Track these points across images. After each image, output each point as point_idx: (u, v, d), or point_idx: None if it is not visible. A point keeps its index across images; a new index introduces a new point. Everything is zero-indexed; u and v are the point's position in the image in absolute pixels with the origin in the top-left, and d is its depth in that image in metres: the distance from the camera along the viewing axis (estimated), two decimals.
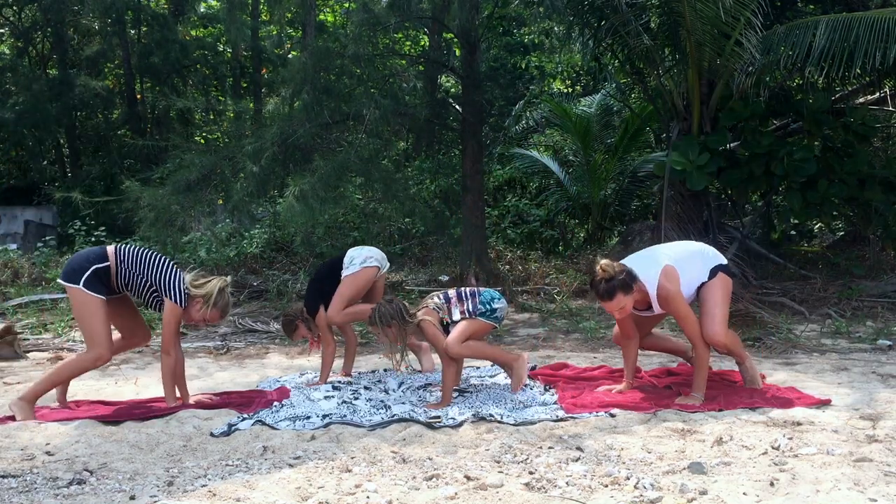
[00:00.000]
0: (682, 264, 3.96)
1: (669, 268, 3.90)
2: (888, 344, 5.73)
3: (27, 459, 3.15)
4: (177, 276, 3.98)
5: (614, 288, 3.77)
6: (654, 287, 3.87)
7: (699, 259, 4.05)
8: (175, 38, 15.48)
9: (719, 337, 3.89)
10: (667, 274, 3.87)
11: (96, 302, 3.86)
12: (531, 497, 2.62)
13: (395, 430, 3.53)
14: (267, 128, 8.04)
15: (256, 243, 10.64)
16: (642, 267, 3.92)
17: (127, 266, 3.94)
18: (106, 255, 3.93)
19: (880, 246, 9.18)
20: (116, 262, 3.93)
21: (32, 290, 8.72)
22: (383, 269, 4.80)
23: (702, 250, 4.12)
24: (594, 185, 11.34)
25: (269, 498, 2.67)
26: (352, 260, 4.69)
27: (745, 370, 4.24)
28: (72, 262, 3.95)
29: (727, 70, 7.49)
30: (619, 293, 3.77)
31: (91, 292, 3.84)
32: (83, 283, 3.83)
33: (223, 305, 4.08)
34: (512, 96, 14.14)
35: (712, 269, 4.00)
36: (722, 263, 4.07)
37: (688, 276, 3.95)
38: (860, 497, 2.54)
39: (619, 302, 3.80)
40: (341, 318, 4.63)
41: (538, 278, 8.83)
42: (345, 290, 4.62)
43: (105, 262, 3.91)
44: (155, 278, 3.95)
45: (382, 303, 4.21)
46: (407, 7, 7.99)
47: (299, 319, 4.74)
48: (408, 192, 9.27)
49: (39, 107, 14.82)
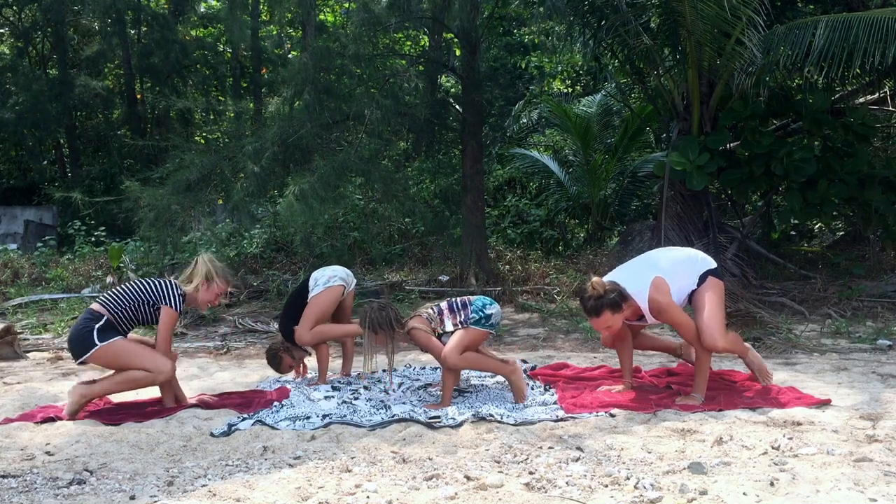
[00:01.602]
0: (671, 274, 3.96)
1: (659, 279, 3.89)
2: (888, 344, 5.73)
3: (27, 459, 3.15)
4: (169, 284, 4.03)
5: (602, 305, 3.79)
6: (644, 301, 3.88)
7: (687, 267, 4.04)
8: (175, 38, 15.49)
9: (717, 343, 3.88)
10: (656, 286, 3.87)
11: (117, 344, 3.88)
12: (531, 497, 2.62)
13: (395, 430, 3.53)
14: (267, 128, 8.04)
15: (256, 243, 10.64)
16: (631, 281, 3.92)
17: (122, 306, 3.96)
18: (98, 313, 3.93)
19: (880, 246, 9.18)
20: (110, 311, 3.94)
21: (32, 290, 8.72)
22: (349, 287, 4.80)
23: (689, 257, 4.10)
24: (594, 185, 11.33)
25: (269, 498, 2.67)
26: (316, 281, 4.72)
27: (751, 362, 4.24)
28: (72, 338, 3.94)
29: (727, 70, 7.49)
30: (607, 311, 3.80)
31: (108, 341, 3.85)
32: (97, 341, 3.84)
33: (221, 271, 4.18)
34: (512, 96, 14.13)
35: (701, 276, 4.00)
36: (710, 268, 4.05)
37: (677, 286, 3.95)
38: (860, 497, 2.54)
39: (606, 320, 3.83)
40: (309, 337, 4.62)
41: (538, 278, 8.83)
42: (310, 310, 4.63)
43: (101, 317, 3.91)
44: (152, 296, 3.99)
45: (374, 308, 4.18)
46: (407, 7, 7.98)
47: (281, 351, 4.77)
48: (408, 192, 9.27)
49: (39, 107, 14.82)
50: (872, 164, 8.06)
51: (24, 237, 13.92)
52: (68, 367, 5.44)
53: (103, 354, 3.87)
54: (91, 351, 3.84)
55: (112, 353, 3.87)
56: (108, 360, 3.91)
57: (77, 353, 3.90)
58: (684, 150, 7.66)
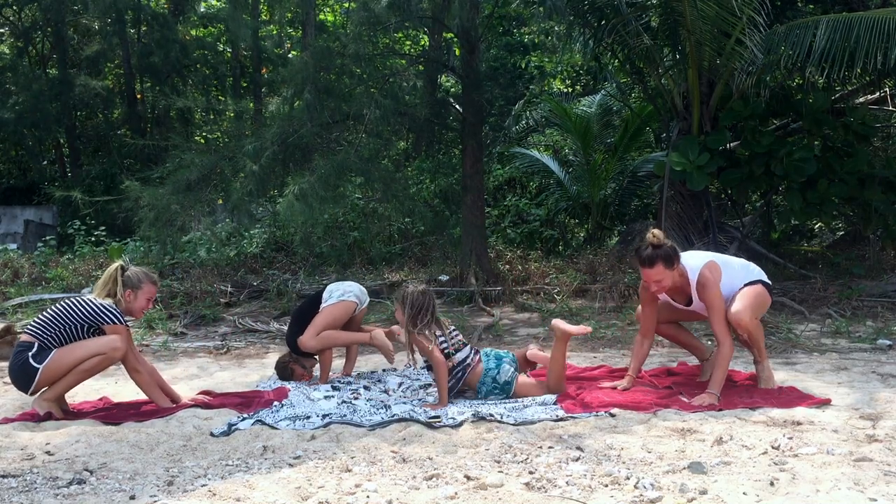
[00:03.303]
0: (727, 269, 4.10)
1: (713, 263, 4.05)
2: (888, 344, 5.73)
3: (27, 459, 3.15)
4: (98, 304, 3.86)
5: (657, 256, 3.84)
6: (695, 274, 3.97)
7: (743, 271, 4.20)
8: (175, 37, 15.49)
9: (744, 316, 3.94)
10: (710, 267, 4.02)
11: (57, 354, 3.77)
12: (531, 497, 2.62)
13: (395, 429, 3.53)
14: (267, 127, 8.04)
15: (256, 243, 10.65)
16: (690, 256, 4.09)
17: (51, 332, 3.82)
18: (27, 342, 3.83)
19: (880, 246, 9.18)
20: (39, 337, 3.82)
21: (32, 289, 8.72)
22: (362, 304, 4.83)
23: (748, 265, 4.27)
24: (594, 184, 11.33)
25: (269, 498, 2.67)
26: (331, 293, 4.76)
27: (762, 369, 4.21)
28: (13, 375, 3.84)
29: (727, 70, 7.49)
30: (661, 263, 3.84)
31: (47, 360, 3.76)
32: (35, 364, 3.74)
33: (144, 275, 4.02)
34: (512, 96, 14.12)
35: (752, 281, 4.13)
36: (764, 280, 4.20)
37: (728, 280, 4.07)
38: (860, 497, 2.54)
39: (658, 272, 3.87)
40: (314, 342, 4.63)
41: (538, 278, 8.82)
42: (320, 319, 4.66)
43: (32, 345, 3.80)
44: (90, 319, 3.84)
45: (418, 289, 4.13)
46: (407, 7, 7.98)
47: (291, 362, 4.80)
48: (408, 192, 9.27)
49: (39, 107, 14.82)
50: (872, 163, 8.06)
51: (24, 237, 13.93)
52: None
53: (49, 371, 3.76)
54: (36, 376, 3.75)
55: (56, 363, 3.76)
56: (57, 371, 3.78)
57: (24, 385, 3.80)
58: (684, 150, 7.66)
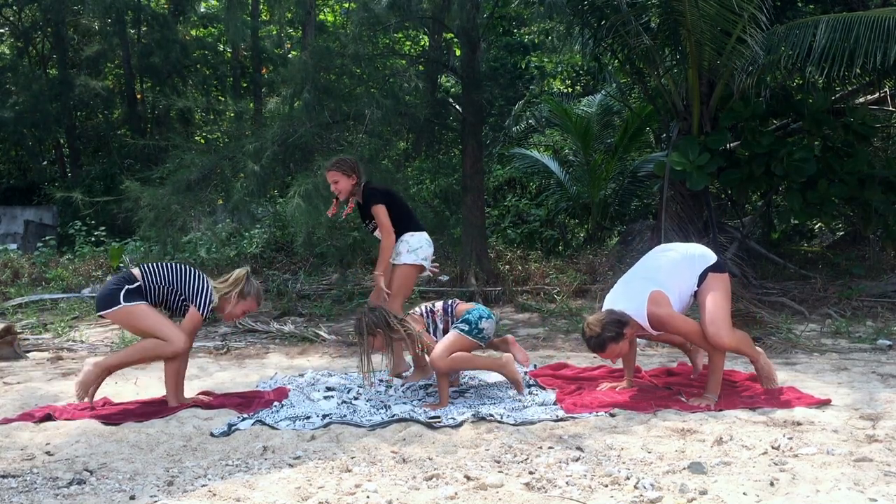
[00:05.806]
0: (669, 280, 3.93)
1: (656, 294, 3.87)
2: (888, 344, 5.73)
3: (27, 459, 3.15)
4: (205, 285, 4.06)
5: (604, 342, 3.82)
6: (644, 319, 3.88)
7: (686, 268, 4.00)
8: (175, 38, 15.49)
9: (723, 340, 3.86)
10: (654, 300, 3.85)
11: (141, 307, 3.92)
12: (531, 497, 2.62)
13: (395, 430, 3.53)
14: (267, 127, 8.05)
15: (256, 243, 10.64)
16: (628, 301, 3.91)
17: (157, 281, 4.00)
18: (134, 276, 3.99)
19: (880, 246, 9.18)
20: (145, 280, 3.98)
21: (32, 290, 8.72)
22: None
23: (687, 257, 4.05)
24: (594, 185, 11.33)
25: (269, 498, 2.67)
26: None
27: (760, 368, 4.17)
28: (102, 291, 4.01)
29: (727, 70, 7.49)
30: (611, 344, 3.83)
31: (132, 303, 3.90)
32: (122, 299, 3.88)
33: (255, 292, 4.21)
34: (512, 96, 14.12)
35: (700, 275, 3.97)
36: (709, 265, 4.01)
37: (677, 290, 3.94)
38: (860, 497, 2.54)
39: (612, 351, 3.88)
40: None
41: (538, 278, 8.82)
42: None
43: (135, 282, 3.96)
44: (185, 288, 4.02)
45: (366, 311, 4.16)
46: (407, 7, 7.99)
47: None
48: (408, 192, 9.26)
49: (39, 107, 14.83)
50: (872, 164, 8.05)
51: (24, 237, 13.93)
52: (68, 367, 5.43)
53: (124, 315, 3.91)
54: (114, 308, 3.89)
55: (132, 314, 3.91)
56: (127, 320, 3.96)
57: (100, 306, 3.96)
58: (684, 150, 7.65)
